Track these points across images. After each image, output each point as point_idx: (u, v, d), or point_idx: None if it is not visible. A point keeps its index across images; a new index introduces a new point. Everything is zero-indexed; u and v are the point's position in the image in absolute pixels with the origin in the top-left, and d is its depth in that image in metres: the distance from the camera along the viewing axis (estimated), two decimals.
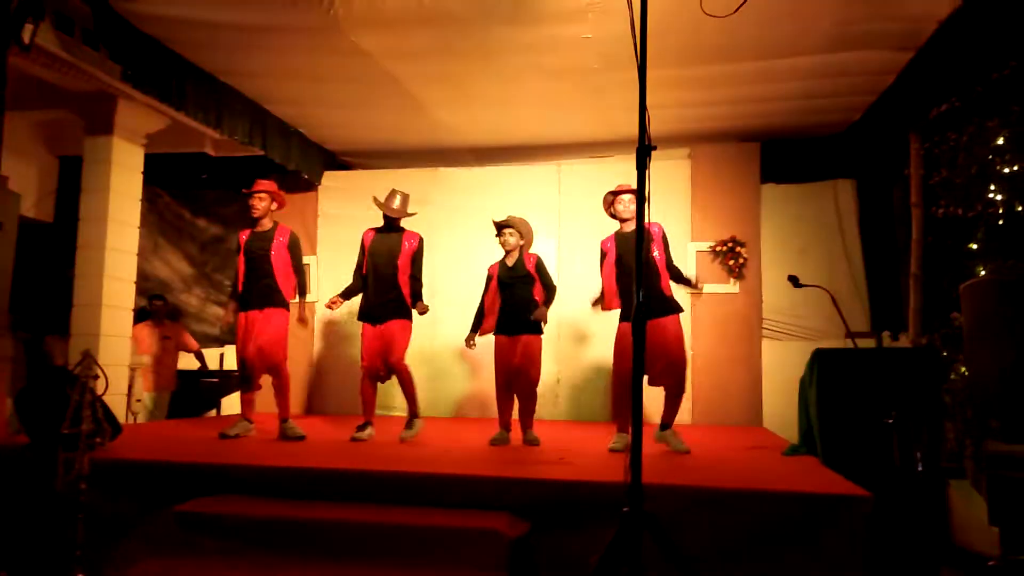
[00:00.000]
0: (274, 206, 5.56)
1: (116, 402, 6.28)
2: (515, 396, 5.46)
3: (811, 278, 5.19)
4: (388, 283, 5.41)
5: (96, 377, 3.69)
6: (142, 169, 6.86)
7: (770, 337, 7.51)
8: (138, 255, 6.88)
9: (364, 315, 5.47)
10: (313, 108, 7.21)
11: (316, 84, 6.53)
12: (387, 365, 5.38)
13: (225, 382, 8.14)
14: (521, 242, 5.51)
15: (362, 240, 5.57)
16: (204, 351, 7.99)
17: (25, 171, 7.53)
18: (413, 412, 5.42)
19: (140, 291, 7.07)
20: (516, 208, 7.91)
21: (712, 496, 3.45)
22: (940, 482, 4.57)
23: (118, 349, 6.53)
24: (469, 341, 5.55)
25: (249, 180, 5.63)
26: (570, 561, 3.35)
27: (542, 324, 5.37)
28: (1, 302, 4.76)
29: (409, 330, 5.47)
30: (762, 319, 7.49)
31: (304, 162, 7.96)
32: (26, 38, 4.58)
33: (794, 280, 4.91)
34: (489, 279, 5.58)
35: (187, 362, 7.88)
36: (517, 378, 5.36)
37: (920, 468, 4.37)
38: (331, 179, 8.50)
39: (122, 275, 6.62)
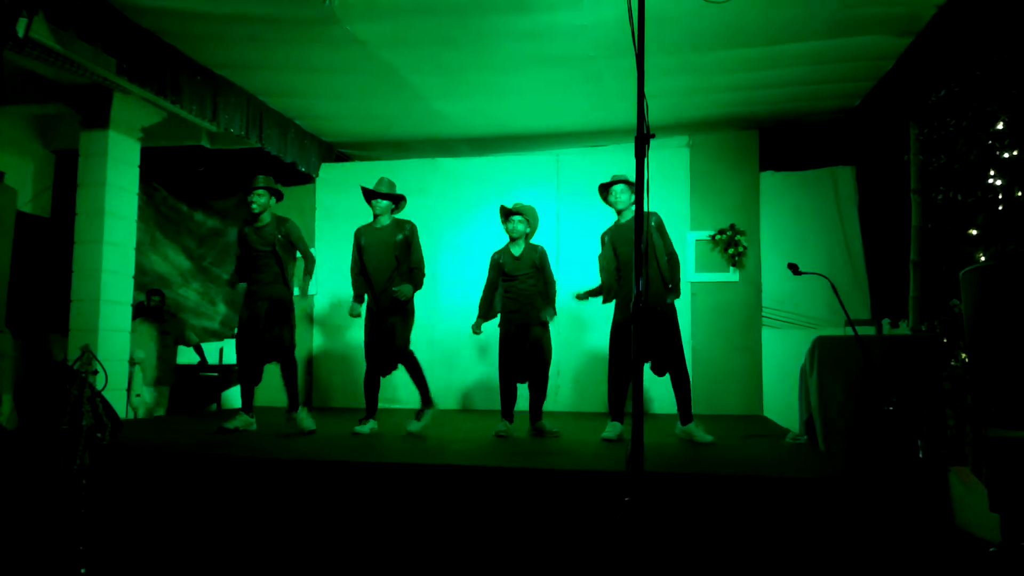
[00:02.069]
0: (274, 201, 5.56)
1: (116, 397, 6.28)
2: (525, 387, 5.45)
3: (811, 266, 5.18)
4: (387, 275, 5.42)
5: (95, 372, 3.68)
6: (138, 163, 6.84)
7: (770, 325, 7.51)
8: (136, 249, 6.86)
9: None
10: (309, 99, 7.17)
11: (312, 75, 6.50)
12: (391, 355, 5.38)
13: (225, 376, 8.15)
14: (528, 230, 5.49)
15: (355, 238, 5.58)
16: (203, 345, 7.98)
17: (22, 166, 7.50)
18: (426, 402, 5.41)
19: (138, 286, 7.05)
20: (515, 197, 7.95)
21: (712, 483, 3.45)
22: (941, 468, 4.57)
23: (117, 344, 6.53)
24: (476, 328, 5.52)
25: (247, 173, 5.64)
26: (574, 548, 3.36)
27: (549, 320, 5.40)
28: None
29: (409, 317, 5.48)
30: (762, 307, 7.50)
31: (301, 154, 7.93)
32: (20, 31, 4.55)
33: (794, 268, 4.90)
34: (493, 266, 5.55)
35: (186, 357, 7.88)
36: (527, 368, 5.36)
37: (921, 455, 4.37)
38: (329, 171, 8.47)
39: (120, 270, 6.61)
